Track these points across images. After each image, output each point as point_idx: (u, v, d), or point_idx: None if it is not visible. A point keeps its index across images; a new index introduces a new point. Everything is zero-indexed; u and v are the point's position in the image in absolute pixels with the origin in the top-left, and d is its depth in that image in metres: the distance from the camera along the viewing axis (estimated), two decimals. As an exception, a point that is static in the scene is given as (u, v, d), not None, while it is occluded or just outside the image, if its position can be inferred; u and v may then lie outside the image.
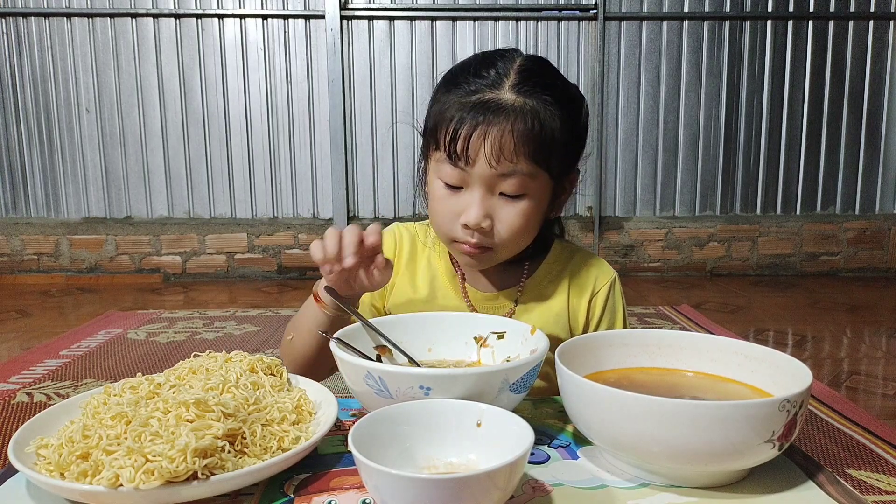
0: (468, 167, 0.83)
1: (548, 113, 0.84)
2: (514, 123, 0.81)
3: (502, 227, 0.86)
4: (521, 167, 0.83)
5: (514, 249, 0.92)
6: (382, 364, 0.75)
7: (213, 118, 3.83)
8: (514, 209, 0.86)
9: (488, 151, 0.81)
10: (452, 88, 0.86)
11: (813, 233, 3.98)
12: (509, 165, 0.82)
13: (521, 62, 0.87)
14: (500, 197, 0.86)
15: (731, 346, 0.72)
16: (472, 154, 0.82)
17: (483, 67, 0.86)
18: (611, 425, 0.60)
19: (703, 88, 3.88)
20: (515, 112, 0.82)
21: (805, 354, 2.38)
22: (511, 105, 0.82)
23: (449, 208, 0.87)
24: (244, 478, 0.57)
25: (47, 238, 3.86)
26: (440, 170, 0.87)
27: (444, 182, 0.87)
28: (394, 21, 3.78)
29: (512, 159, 0.82)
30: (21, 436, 0.62)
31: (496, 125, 0.81)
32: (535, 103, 0.83)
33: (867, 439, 1.57)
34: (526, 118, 0.82)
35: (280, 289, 3.65)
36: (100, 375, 2.13)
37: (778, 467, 0.63)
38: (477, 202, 0.85)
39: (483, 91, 0.84)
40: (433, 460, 0.60)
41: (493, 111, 0.82)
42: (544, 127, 0.83)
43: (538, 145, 0.83)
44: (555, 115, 0.84)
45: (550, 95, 0.85)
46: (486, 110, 0.82)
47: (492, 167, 0.82)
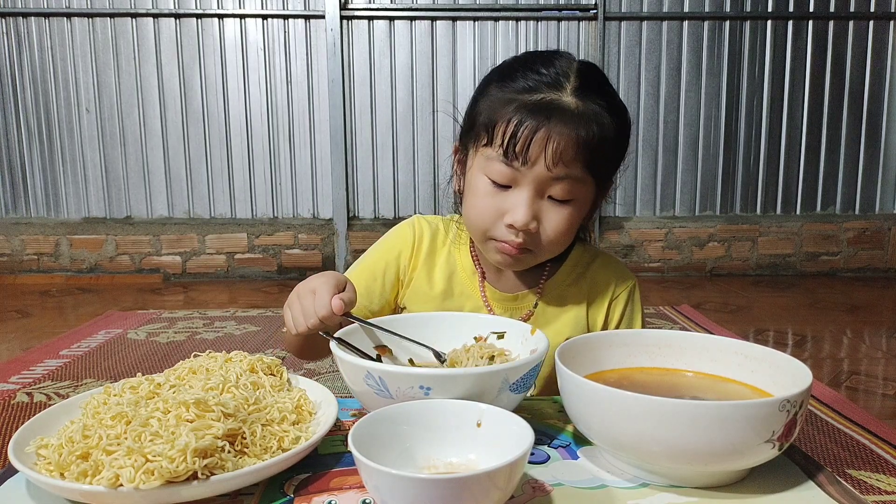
0: (524, 167, 0.81)
1: (606, 119, 0.83)
2: (577, 129, 0.80)
3: (547, 231, 0.85)
4: (575, 173, 0.82)
5: (553, 253, 0.91)
6: (382, 364, 0.75)
7: (213, 118, 3.83)
8: (561, 214, 0.85)
9: (549, 154, 0.80)
10: (508, 83, 0.84)
11: (813, 233, 3.98)
12: (564, 168, 0.81)
13: (579, 65, 0.86)
14: (548, 200, 0.84)
15: (731, 346, 0.72)
16: (531, 155, 0.80)
17: (541, 65, 0.85)
18: (611, 425, 0.60)
19: (703, 88, 3.88)
20: (579, 117, 0.81)
21: (805, 354, 2.38)
22: (574, 109, 0.81)
23: (494, 206, 0.85)
24: (244, 478, 0.57)
25: (47, 238, 3.86)
26: (489, 166, 0.84)
27: (492, 179, 0.84)
28: (394, 21, 3.78)
29: (568, 162, 0.81)
30: (21, 436, 0.62)
31: (561, 129, 0.80)
32: (596, 108, 0.82)
33: (867, 439, 1.57)
34: (589, 125, 0.81)
35: (280, 289, 3.65)
36: (100, 375, 2.13)
37: (778, 467, 0.63)
38: (526, 203, 0.83)
39: (544, 90, 0.82)
40: (433, 460, 0.60)
41: (558, 114, 0.80)
42: (605, 134, 0.82)
43: (594, 153, 0.82)
44: (610, 123, 0.83)
45: (606, 103, 0.84)
46: (550, 112, 0.80)
47: (549, 170, 0.81)
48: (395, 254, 1.02)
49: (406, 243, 1.02)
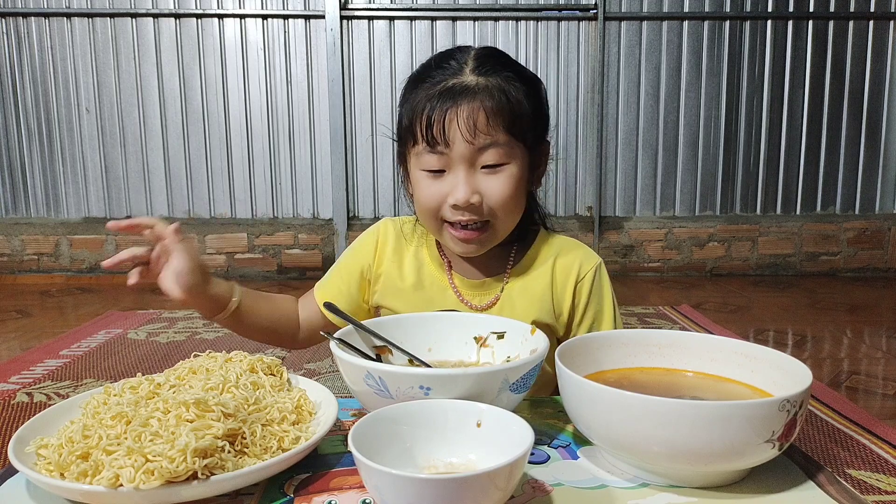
0: (447, 149, 0.86)
1: (512, 87, 0.88)
2: (482, 100, 0.85)
3: (492, 199, 0.89)
4: (499, 138, 0.87)
5: (508, 223, 0.93)
6: (382, 364, 0.75)
7: (213, 118, 3.83)
8: (499, 179, 0.88)
9: (463, 129, 0.85)
10: (418, 85, 0.90)
11: (813, 233, 3.98)
12: (486, 138, 0.86)
13: (477, 50, 0.92)
14: (483, 171, 0.88)
15: (731, 346, 0.72)
16: (449, 135, 0.86)
17: (442, 61, 0.91)
18: (611, 425, 0.60)
19: (703, 88, 3.88)
20: (481, 89, 0.86)
21: (805, 354, 2.38)
22: (476, 84, 0.87)
23: (436, 193, 0.89)
24: (244, 478, 0.57)
25: (47, 238, 3.86)
26: (421, 161, 0.90)
27: (427, 170, 0.90)
28: (394, 21, 3.78)
29: (488, 132, 0.86)
30: (21, 436, 0.62)
31: (466, 104, 0.85)
32: (497, 80, 0.88)
33: (867, 439, 1.57)
34: (493, 93, 0.86)
35: (280, 289, 3.65)
36: (100, 375, 2.13)
37: (778, 467, 0.64)
38: (462, 180, 0.87)
39: (447, 79, 0.88)
40: (433, 460, 0.60)
41: (461, 93, 0.86)
42: (511, 99, 0.87)
43: (510, 116, 0.87)
44: (518, 88, 0.89)
45: (511, 72, 0.89)
46: (453, 93, 0.86)
47: (470, 143, 0.86)
48: (359, 256, 1.06)
49: (370, 245, 1.06)
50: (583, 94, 3.88)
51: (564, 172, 3.95)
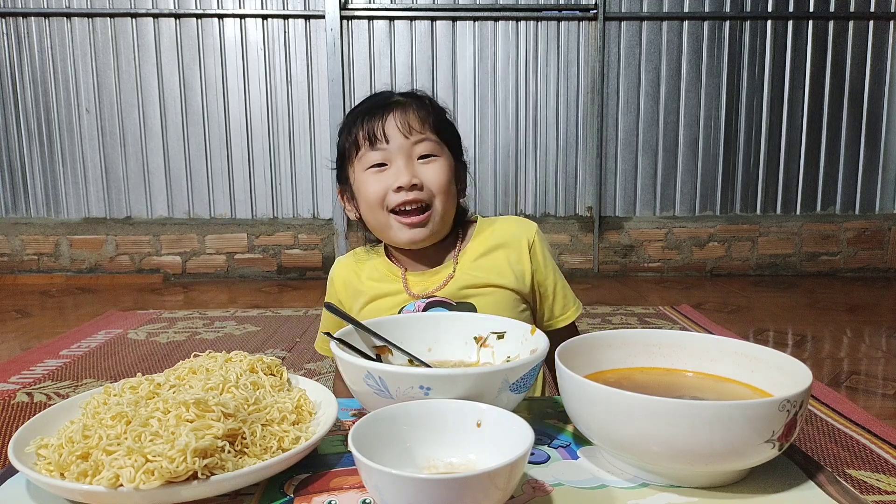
0: (387, 144, 0.99)
1: (430, 104, 1.05)
2: (412, 107, 1.01)
3: (430, 183, 1.00)
4: (429, 136, 1.01)
5: (447, 207, 1.03)
6: (382, 364, 0.75)
7: (213, 118, 3.83)
8: (434, 167, 1.01)
9: (399, 126, 0.99)
10: (353, 112, 1.06)
11: (813, 233, 3.98)
12: (420, 134, 1.00)
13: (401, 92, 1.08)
14: (419, 161, 1.01)
15: (731, 346, 0.72)
16: (389, 133, 0.99)
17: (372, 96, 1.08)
18: (611, 425, 0.60)
19: (703, 88, 3.88)
20: (410, 101, 1.02)
21: (805, 354, 2.38)
22: (402, 99, 1.03)
23: (382, 184, 1.00)
24: (244, 478, 0.57)
25: (47, 238, 3.86)
26: (365, 161, 1.01)
27: (372, 166, 1.01)
28: (394, 21, 3.78)
29: (421, 129, 1.00)
30: (21, 436, 0.62)
31: (399, 109, 1.01)
32: (419, 100, 1.04)
33: (867, 439, 1.57)
34: (421, 101, 1.03)
35: (280, 289, 3.65)
36: (100, 375, 2.13)
37: (778, 467, 0.63)
38: (402, 167, 0.99)
39: (378, 101, 1.04)
40: (433, 460, 0.60)
41: (393, 103, 1.02)
42: (435, 108, 1.04)
43: (436, 119, 1.03)
44: (436, 108, 1.05)
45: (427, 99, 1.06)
46: (385, 104, 1.02)
47: (406, 136, 0.99)
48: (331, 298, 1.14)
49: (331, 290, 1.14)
50: (583, 94, 3.88)
51: (564, 172, 3.95)
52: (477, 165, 3.92)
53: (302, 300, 3.29)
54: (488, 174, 3.93)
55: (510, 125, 3.89)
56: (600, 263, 3.99)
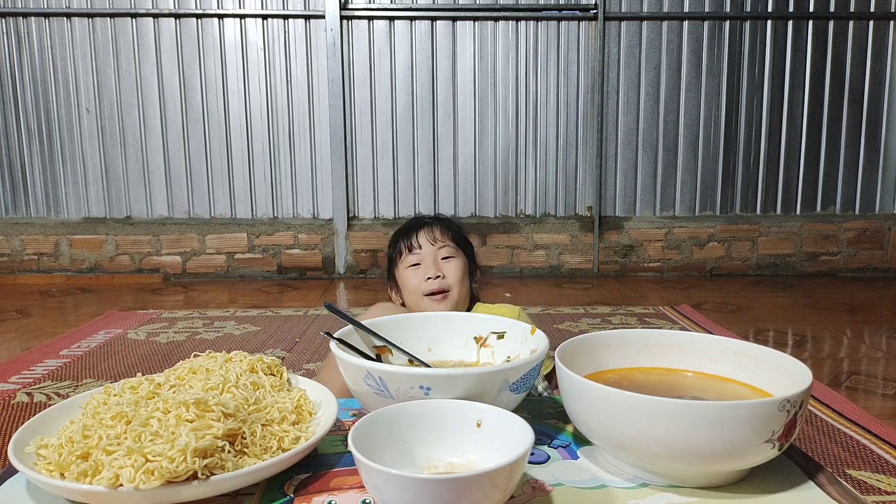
0: (421, 250, 1.41)
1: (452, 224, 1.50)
2: (438, 225, 1.46)
3: (450, 275, 1.40)
4: (449, 243, 1.43)
5: (461, 290, 1.41)
6: (382, 364, 0.75)
7: (213, 118, 3.83)
8: (452, 263, 1.41)
9: (428, 237, 1.43)
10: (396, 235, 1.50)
11: (813, 233, 3.98)
12: (441, 243, 1.43)
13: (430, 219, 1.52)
14: (442, 260, 1.41)
15: (731, 346, 0.72)
16: (420, 242, 1.43)
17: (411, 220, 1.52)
18: (611, 425, 0.60)
19: (703, 88, 3.89)
20: (434, 221, 1.48)
21: (805, 354, 2.38)
22: (430, 218, 1.50)
23: (417, 276, 1.40)
24: (244, 478, 0.57)
25: (47, 238, 3.86)
26: (406, 262, 1.43)
27: (410, 265, 1.41)
28: (394, 21, 3.78)
29: (442, 239, 1.43)
30: (21, 436, 0.62)
31: (428, 226, 1.45)
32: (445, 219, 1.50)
33: (867, 439, 1.57)
34: (440, 222, 1.48)
35: (280, 289, 3.65)
36: (100, 375, 2.13)
37: (778, 467, 0.64)
38: (430, 264, 1.40)
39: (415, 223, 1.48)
40: (433, 460, 0.60)
41: (424, 223, 1.47)
42: (454, 226, 1.48)
43: (453, 234, 1.46)
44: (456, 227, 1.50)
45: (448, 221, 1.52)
46: (419, 223, 1.47)
47: (432, 244, 1.42)
48: None
49: None
50: (583, 94, 3.88)
51: (564, 172, 3.95)
52: (477, 165, 3.92)
53: (302, 300, 3.29)
54: (488, 174, 3.93)
55: (510, 125, 3.89)
56: (600, 263, 3.99)
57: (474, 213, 3.95)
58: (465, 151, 3.90)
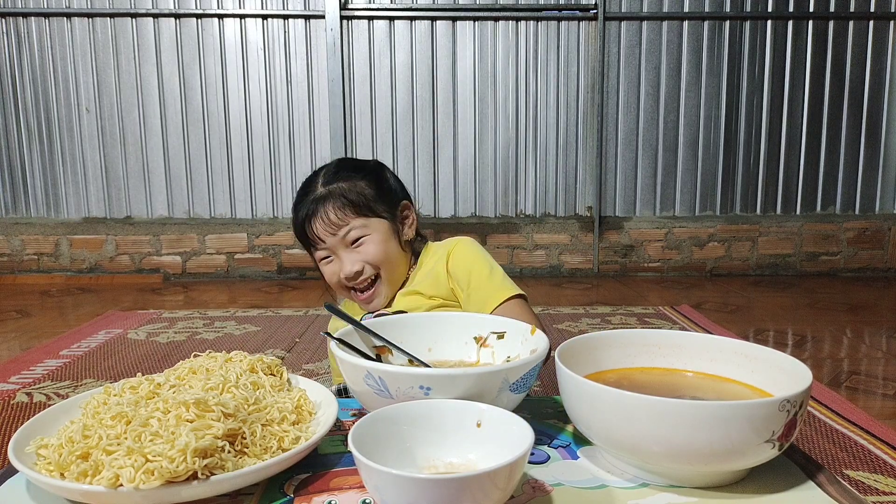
0: (323, 243, 1.17)
1: (350, 184, 1.17)
2: (327, 204, 1.15)
3: (369, 259, 1.16)
4: (354, 223, 1.15)
5: (394, 271, 1.19)
6: (382, 364, 0.75)
7: (213, 118, 3.83)
8: (366, 245, 1.16)
9: (325, 229, 1.15)
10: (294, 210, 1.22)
11: (813, 233, 3.98)
12: (344, 228, 1.15)
13: (325, 168, 1.22)
14: (353, 246, 1.16)
15: (731, 346, 0.72)
16: (319, 235, 1.16)
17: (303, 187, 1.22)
18: (611, 425, 0.60)
19: (703, 88, 3.88)
20: (326, 196, 1.16)
21: (805, 354, 2.38)
22: (321, 194, 1.17)
23: (331, 272, 1.19)
24: (244, 478, 0.57)
25: (47, 238, 3.86)
26: (316, 257, 1.21)
27: (321, 260, 1.20)
28: (394, 21, 3.78)
29: (343, 221, 1.15)
30: (21, 436, 0.62)
31: (318, 211, 1.16)
32: (337, 184, 1.17)
33: (865, 440, 1.57)
34: (334, 196, 1.16)
35: (280, 289, 3.65)
36: (100, 375, 2.13)
37: (778, 467, 0.64)
38: (343, 259, 1.17)
39: (305, 200, 1.18)
40: (433, 460, 0.60)
41: (311, 203, 1.17)
42: (350, 193, 1.16)
43: (354, 205, 1.15)
44: (357, 181, 1.17)
45: (346, 172, 1.19)
46: (307, 206, 1.17)
47: (333, 234, 1.16)
48: None
49: None
50: (583, 94, 3.88)
51: (564, 172, 3.95)
52: (477, 165, 3.92)
53: (302, 300, 3.29)
54: (488, 174, 3.93)
55: (510, 125, 3.89)
56: (600, 263, 3.99)
57: (474, 213, 3.95)
58: (465, 151, 3.90)
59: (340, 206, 1.15)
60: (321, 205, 1.15)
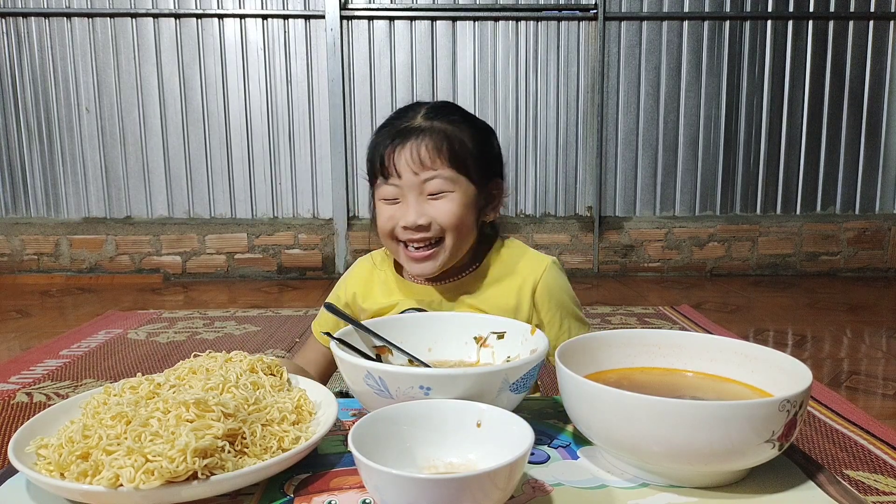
0: (399, 180, 0.98)
1: (455, 128, 1.00)
2: (426, 138, 0.98)
3: (440, 219, 0.98)
4: (442, 172, 0.98)
5: (458, 243, 1.01)
6: (382, 364, 0.75)
7: (213, 118, 3.83)
8: (444, 203, 0.99)
9: (409, 162, 0.97)
10: (379, 131, 1.04)
11: (813, 233, 3.98)
12: (430, 171, 0.98)
13: (431, 103, 1.05)
14: (430, 197, 0.99)
15: (731, 346, 0.72)
16: (399, 168, 0.98)
17: (400, 111, 1.05)
18: (611, 425, 0.60)
19: (703, 88, 3.88)
20: (425, 130, 0.99)
21: (805, 354, 2.38)
22: (421, 125, 1.00)
23: (389, 217, 1.01)
24: (244, 478, 0.57)
25: (47, 238, 3.86)
26: (380, 192, 1.02)
27: (385, 199, 1.01)
28: (394, 21, 3.78)
29: (432, 165, 0.97)
30: (21, 436, 0.62)
31: (411, 141, 0.98)
32: (441, 123, 1.00)
33: (865, 440, 1.57)
34: (434, 133, 0.99)
35: (280, 289, 3.65)
36: (100, 375, 2.13)
37: (778, 467, 0.64)
38: (411, 205, 0.98)
39: (399, 124, 1.01)
40: (433, 460, 0.60)
41: (408, 133, 0.99)
42: (452, 138, 0.99)
43: (450, 152, 0.98)
44: (463, 129, 1.00)
45: (457, 117, 1.02)
46: (401, 133, 0.99)
47: (415, 174, 0.97)
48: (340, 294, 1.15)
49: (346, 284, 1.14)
50: (583, 94, 3.88)
51: (564, 172, 3.95)
52: (477, 165, 3.92)
53: (302, 300, 3.29)
54: (488, 174, 3.93)
55: (510, 125, 3.89)
56: (600, 263, 3.99)
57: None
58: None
59: (436, 146, 0.97)
60: (415, 136, 0.98)
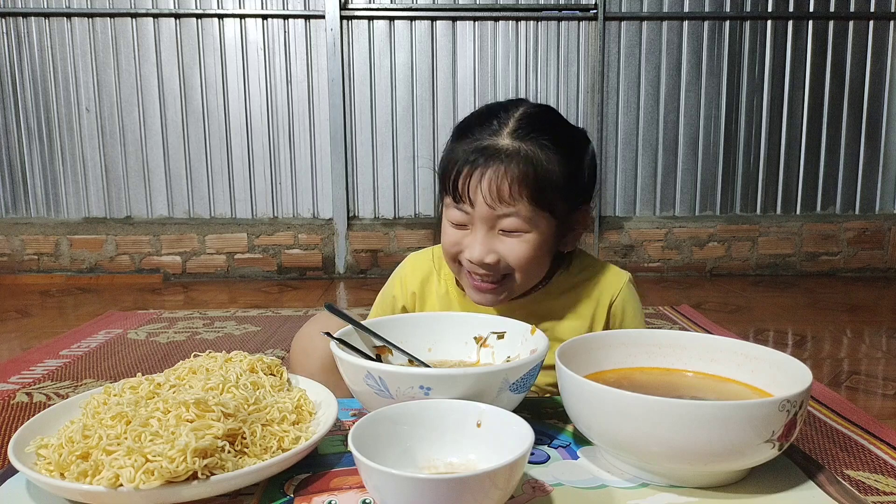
0: (471, 208, 0.88)
1: (544, 156, 0.87)
2: (508, 166, 0.85)
3: (510, 260, 0.89)
4: (521, 210, 0.86)
5: (527, 280, 0.93)
6: (382, 364, 0.75)
7: (213, 118, 3.83)
8: (519, 245, 0.88)
9: (486, 193, 0.85)
10: (461, 137, 0.92)
11: (813, 233, 3.98)
12: (508, 207, 0.86)
13: (524, 110, 0.91)
14: (501, 233, 0.89)
15: (731, 346, 0.72)
16: (473, 196, 0.87)
17: (487, 117, 0.91)
18: (611, 425, 0.60)
19: (703, 88, 3.88)
20: (510, 156, 0.85)
21: (805, 354, 2.37)
22: (506, 149, 0.86)
23: (455, 241, 0.91)
24: (244, 478, 0.57)
25: (47, 238, 3.86)
26: (448, 212, 0.92)
27: (452, 222, 0.91)
28: (394, 21, 3.78)
29: (511, 202, 0.86)
30: (21, 436, 0.62)
31: (492, 168, 0.85)
32: (530, 147, 0.86)
33: (866, 440, 1.57)
34: (520, 162, 0.85)
35: (280, 289, 3.65)
36: (100, 375, 2.13)
37: (778, 467, 0.64)
38: (478, 240, 0.88)
39: (483, 138, 0.88)
40: (433, 460, 0.60)
41: (490, 155, 0.86)
42: (539, 170, 0.86)
43: (536, 188, 0.86)
44: (552, 158, 0.87)
45: (549, 139, 0.88)
46: (482, 154, 0.87)
47: (491, 208, 0.86)
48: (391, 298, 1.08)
49: (397, 288, 1.07)
50: (583, 94, 3.88)
51: (564, 172, 3.94)
52: (477, 165, 3.91)
53: (302, 300, 3.29)
54: (488, 174, 3.92)
55: (510, 125, 3.89)
56: (600, 263, 3.99)
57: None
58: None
59: (519, 179, 0.85)
60: (497, 162, 0.85)
